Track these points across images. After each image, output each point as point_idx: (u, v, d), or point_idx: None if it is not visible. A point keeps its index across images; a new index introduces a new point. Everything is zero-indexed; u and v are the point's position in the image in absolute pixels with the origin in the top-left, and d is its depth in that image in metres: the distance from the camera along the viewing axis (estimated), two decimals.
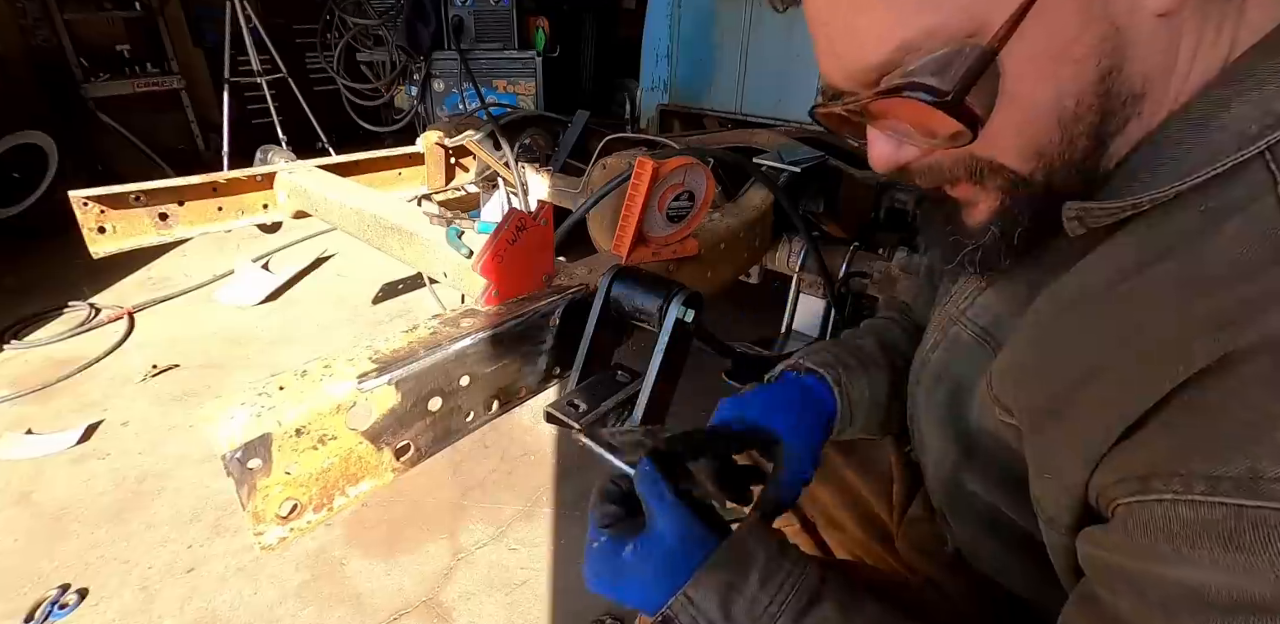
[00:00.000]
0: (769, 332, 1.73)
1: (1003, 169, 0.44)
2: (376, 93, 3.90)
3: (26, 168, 3.14)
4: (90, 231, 1.31)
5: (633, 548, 0.48)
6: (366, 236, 1.29)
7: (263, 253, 2.92)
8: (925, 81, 0.40)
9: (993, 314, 0.53)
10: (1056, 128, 0.41)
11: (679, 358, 0.68)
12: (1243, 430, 0.30)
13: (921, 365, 0.61)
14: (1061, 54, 0.39)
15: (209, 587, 1.33)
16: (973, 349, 0.54)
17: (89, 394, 1.95)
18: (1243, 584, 0.30)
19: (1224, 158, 0.36)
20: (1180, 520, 0.32)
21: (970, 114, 0.40)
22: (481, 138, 1.74)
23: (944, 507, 0.61)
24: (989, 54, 0.38)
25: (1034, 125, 0.41)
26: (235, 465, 0.50)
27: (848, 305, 1.38)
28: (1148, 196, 0.38)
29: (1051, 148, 0.42)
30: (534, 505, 1.56)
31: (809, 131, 1.90)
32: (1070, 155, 0.42)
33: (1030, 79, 0.40)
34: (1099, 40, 0.38)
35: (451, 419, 0.66)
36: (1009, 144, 0.43)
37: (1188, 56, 0.39)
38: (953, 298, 0.58)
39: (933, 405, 0.58)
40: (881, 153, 0.47)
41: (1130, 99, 0.40)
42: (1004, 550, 0.55)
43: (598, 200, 1.10)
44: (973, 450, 0.53)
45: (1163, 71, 0.39)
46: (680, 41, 2.47)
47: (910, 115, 0.43)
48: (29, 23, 3.46)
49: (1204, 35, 0.39)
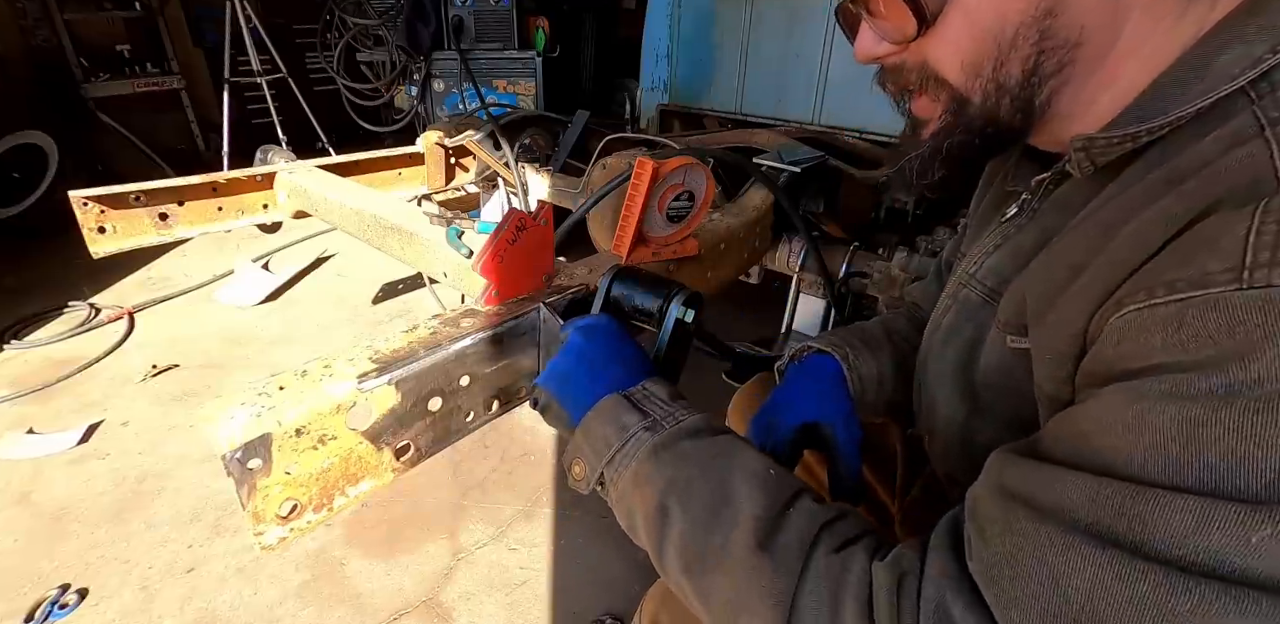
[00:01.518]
0: (769, 332, 1.73)
1: (946, 83, 0.50)
2: (376, 93, 3.90)
3: (26, 168, 3.14)
4: (90, 231, 1.31)
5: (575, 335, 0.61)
6: (366, 236, 1.29)
7: (263, 253, 2.92)
8: None
9: (999, 275, 0.56)
10: (994, 48, 0.46)
11: (679, 358, 0.68)
12: (1198, 249, 0.34)
13: (933, 330, 0.63)
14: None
15: (209, 587, 1.33)
16: (981, 308, 0.57)
17: (89, 394, 1.95)
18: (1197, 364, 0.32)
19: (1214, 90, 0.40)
20: (1148, 320, 0.35)
21: (919, 7, 0.47)
22: (481, 138, 1.74)
23: (954, 469, 0.62)
24: None
25: (974, 41, 0.47)
26: (235, 465, 0.50)
27: (848, 305, 1.38)
28: (1145, 127, 0.42)
29: (986, 67, 0.47)
30: (534, 505, 1.56)
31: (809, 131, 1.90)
32: (1003, 80, 0.47)
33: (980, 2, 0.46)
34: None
35: (451, 419, 0.66)
36: (953, 55, 0.49)
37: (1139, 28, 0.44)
38: (963, 265, 0.61)
39: (944, 365, 0.60)
40: (863, 45, 0.53)
41: (1066, 45, 0.45)
42: None
43: (598, 200, 1.10)
44: (980, 400, 0.56)
45: (1102, 31, 0.44)
46: (680, 41, 2.47)
47: (882, 7, 0.49)
48: (29, 23, 3.46)
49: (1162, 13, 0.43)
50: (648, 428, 0.51)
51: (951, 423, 0.59)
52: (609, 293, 0.70)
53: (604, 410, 0.54)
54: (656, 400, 0.55)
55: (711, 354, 1.32)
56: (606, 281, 0.70)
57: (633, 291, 0.69)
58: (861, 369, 0.70)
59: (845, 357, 0.70)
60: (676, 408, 0.54)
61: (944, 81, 0.50)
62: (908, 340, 0.75)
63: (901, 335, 0.76)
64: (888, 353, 0.72)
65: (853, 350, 0.70)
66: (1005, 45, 0.46)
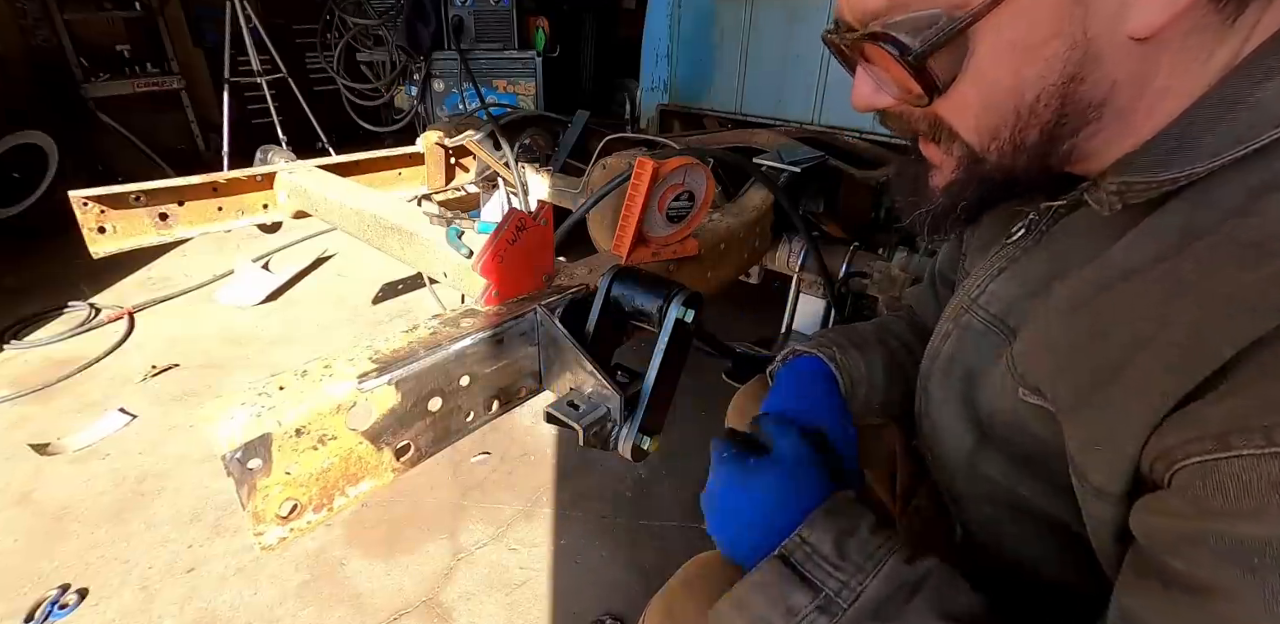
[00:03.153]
0: (769, 332, 1.74)
1: (959, 139, 0.47)
2: (376, 93, 3.90)
3: (26, 168, 3.14)
4: (90, 231, 1.31)
5: (756, 461, 0.54)
6: (366, 236, 1.29)
7: (263, 253, 2.91)
8: (898, 36, 0.42)
9: (1004, 301, 0.54)
10: (1013, 114, 0.43)
11: (679, 358, 0.68)
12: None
13: (933, 357, 0.61)
14: (1030, 50, 0.40)
15: (209, 587, 1.33)
16: (984, 336, 0.55)
17: (89, 394, 1.95)
18: None
19: (1262, 134, 0.37)
20: (1264, 474, 0.31)
21: (930, 79, 0.43)
22: (481, 138, 1.74)
23: (960, 495, 0.61)
24: (962, 25, 0.40)
25: (991, 108, 0.44)
26: (235, 465, 0.49)
27: (848, 305, 1.38)
28: (1186, 172, 0.39)
29: (1004, 132, 0.44)
30: (534, 505, 1.56)
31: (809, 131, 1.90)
32: (1022, 143, 0.44)
33: (997, 64, 0.42)
34: (1067, 48, 0.40)
35: (451, 419, 0.66)
36: (967, 117, 0.45)
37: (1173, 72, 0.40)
38: (965, 289, 0.59)
39: (948, 394, 0.58)
40: (861, 93, 0.49)
41: (1091, 107, 0.42)
42: (1025, 534, 0.55)
43: (598, 200, 1.10)
44: (989, 435, 0.54)
45: (1132, 85, 0.41)
46: (680, 41, 2.47)
47: (885, 65, 0.45)
48: (29, 23, 3.45)
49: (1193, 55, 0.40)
50: (821, 608, 0.44)
51: (958, 450, 0.57)
52: (609, 293, 0.70)
53: (762, 584, 0.47)
54: (821, 561, 0.46)
55: (711, 354, 1.32)
56: (606, 282, 0.70)
57: (633, 292, 0.69)
58: (851, 370, 0.68)
59: (833, 357, 0.68)
60: (850, 571, 0.46)
61: (957, 136, 0.47)
62: (902, 341, 0.74)
63: (895, 336, 0.75)
64: (878, 353, 0.71)
65: (840, 350, 0.69)
66: (1025, 112, 0.43)
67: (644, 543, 1.45)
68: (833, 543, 0.47)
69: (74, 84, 3.56)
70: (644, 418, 0.66)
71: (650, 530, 1.49)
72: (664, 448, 0.70)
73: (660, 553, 1.42)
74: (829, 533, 0.48)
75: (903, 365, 0.72)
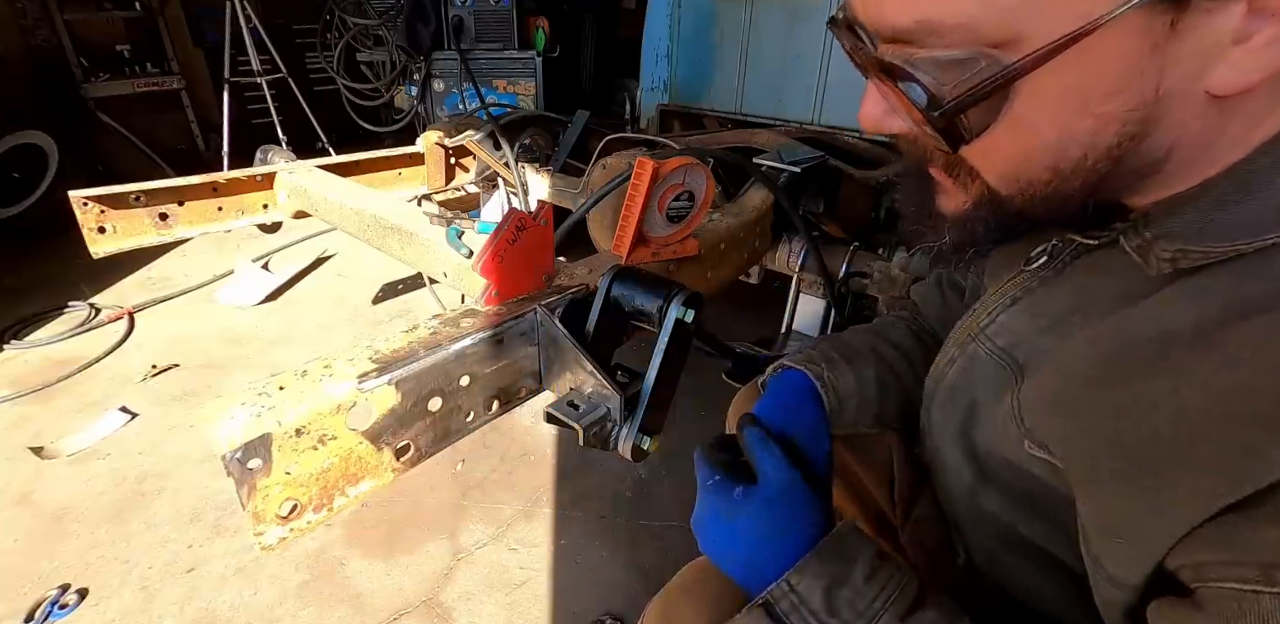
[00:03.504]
0: (769, 332, 1.73)
1: (981, 180, 0.41)
2: (376, 93, 3.90)
3: (26, 168, 3.13)
4: (90, 231, 1.31)
5: (743, 490, 0.50)
6: (366, 236, 1.29)
7: (263, 253, 2.91)
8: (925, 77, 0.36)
9: (1014, 334, 0.50)
10: (1049, 170, 0.38)
11: (679, 358, 0.68)
12: None
13: (937, 381, 0.59)
14: (1086, 104, 0.35)
15: (209, 587, 1.33)
16: (989, 368, 0.52)
17: (89, 394, 1.95)
18: None
19: None
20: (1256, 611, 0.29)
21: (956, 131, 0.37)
22: (481, 138, 1.74)
23: (960, 520, 0.60)
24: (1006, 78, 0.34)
25: (1027, 161, 0.38)
26: (235, 465, 0.49)
27: (848, 305, 1.38)
28: (1253, 244, 0.34)
29: (1037, 185, 0.39)
30: (534, 505, 1.56)
31: (809, 131, 1.90)
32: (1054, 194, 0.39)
33: (1041, 116, 0.36)
34: (1132, 105, 0.34)
35: (451, 419, 0.66)
36: (994, 163, 0.40)
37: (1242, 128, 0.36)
38: (974, 313, 0.56)
39: (947, 423, 0.56)
40: (869, 114, 0.43)
41: (1144, 165, 0.37)
42: (1024, 566, 0.54)
43: (598, 200, 1.10)
44: (988, 473, 0.52)
45: (1195, 144, 0.36)
46: (680, 41, 2.47)
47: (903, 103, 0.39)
48: (29, 23, 3.45)
49: (1267, 112, 0.35)
50: None
51: (958, 480, 0.56)
52: (609, 293, 0.70)
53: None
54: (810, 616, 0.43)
55: (711, 354, 1.32)
56: (606, 282, 0.70)
57: (633, 292, 0.69)
58: (838, 384, 0.65)
59: (820, 375, 0.65)
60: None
61: (978, 176, 0.41)
62: (900, 349, 0.71)
63: (892, 344, 0.72)
64: (871, 366, 0.68)
65: (829, 366, 0.66)
66: (1066, 168, 0.37)
67: (644, 543, 1.45)
68: (822, 594, 0.43)
69: (74, 84, 3.56)
70: (644, 418, 0.66)
71: (650, 530, 1.49)
72: (664, 448, 0.70)
73: (660, 553, 1.42)
74: (819, 581, 0.44)
75: (899, 376, 0.69)
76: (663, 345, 0.66)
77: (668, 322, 0.66)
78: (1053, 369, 0.44)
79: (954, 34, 0.34)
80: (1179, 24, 0.32)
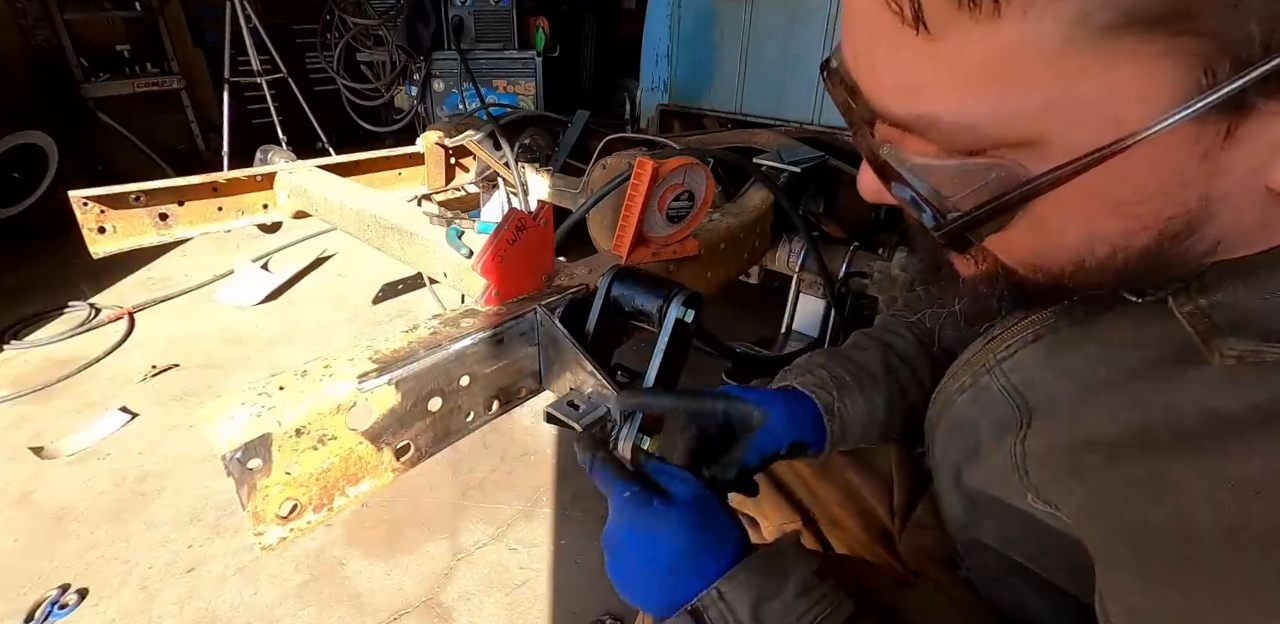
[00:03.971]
0: (769, 332, 1.74)
1: (999, 262, 0.37)
2: (376, 93, 3.90)
3: (26, 168, 3.14)
4: (90, 231, 1.30)
5: (661, 501, 0.48)
6: (366, 236, 1.29)
7: (263, 253, 2.91)
8: (925, 190, 0.32)
9: (1029, 372, 0.47)
10: (1074, 266, 0.34)
11: (679, 358, 0.68)
12: None
13: (944, 406, 0.56)
14: (1119, 207, 0.30)
15: (209, 587, 1.33)
16: (998, 403, 0.49)
17: (89, 394, 1.95)
18: None
19: None
20: None
21: (963, 237, 0.34)
22: (481, 138, 1.74)
23: (959, 544, 0.59)
24: (1022, 196, 0.30)
25: (1049, 257, 0.35)
26: (235, 465, 0.49)
27: (848, 305, 1.38)
28: None
29: (1059, 276, 0.35)
30: (534, 505, 1.56)
31: (809, 131, 1.90)
32: (1081, 282, 0.35)
33: (1065, 216, 0.32)
34: (1174, 209, 0.30)
35: (451, 419, 0.66)
36: (1011, 253, 0.36)
37: None
38: (990, 343, 0.51)
39: (948, 454, 0.55)
40: (867, 186, 0.39)
41: (1189, 259, 0.33)
42: (1025, 591, 0.53)
43: (598, 200, 1.10)
44: (980, 509, 0.50)
45: (1247, 233, 0.32)
46: (680, 41, 2.47)
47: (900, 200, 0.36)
48: (29, 23, 3.45)
49: None
50: None
51: (953, 508, 0.55)
52: (609, 293, 0.70)
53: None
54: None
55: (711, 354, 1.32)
56: (606, 282, 0.70)
57: (633, 292, 0.69)
58: (846, 414, 0.63)
59: (830, 404, 0.63)
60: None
61: (993, 256, 0.37)
62: (912, 367, 0.69)
63: (906, 360, 0.69)
64: (884, 390, 0.66)
65: (841, 391, 0.64)
66: (1093, 265, 0.33)
67: None
68: (750, 608, 0.42)
69: (74, 84, 3.57)
70: (644, 418, 0.66)
71: None
72: None
73: None
74: (748, 593, 0.43)
75: (906, 391, 0.68)
76: (663, 345, 0.66)
77: (668, 321, 0.66)
78: (1069, 426, 0.41)
79: (960, 135, 0.30)
80: (1237, 130, 0.27)
